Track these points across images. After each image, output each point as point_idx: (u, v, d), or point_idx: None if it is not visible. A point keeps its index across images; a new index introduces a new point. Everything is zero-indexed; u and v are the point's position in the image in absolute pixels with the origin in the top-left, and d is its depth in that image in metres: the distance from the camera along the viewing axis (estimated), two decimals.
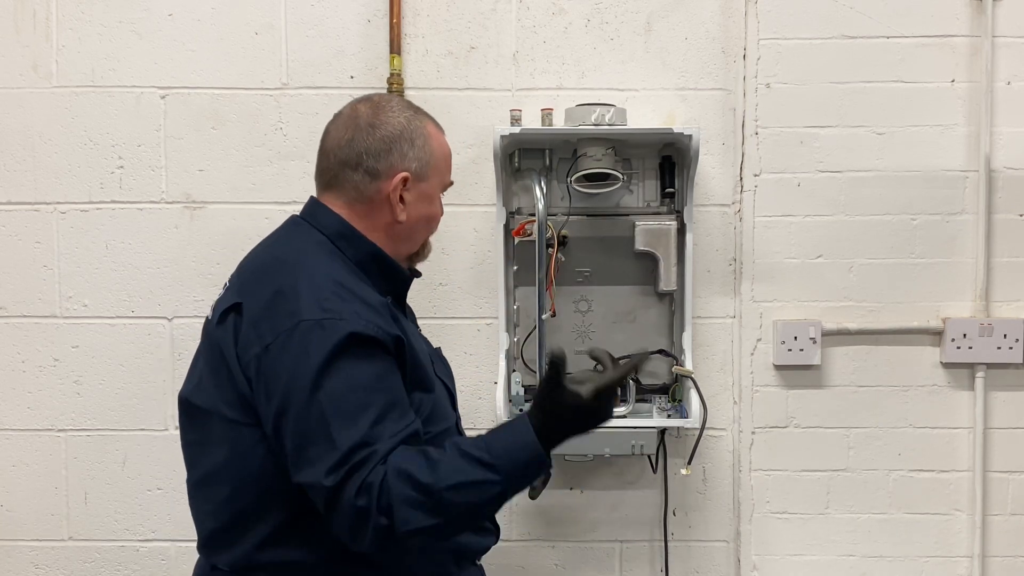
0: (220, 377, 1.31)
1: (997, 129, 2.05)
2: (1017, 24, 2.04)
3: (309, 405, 1.21)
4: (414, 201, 1.41)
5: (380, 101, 1.43)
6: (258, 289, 1.32)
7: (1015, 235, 2.07)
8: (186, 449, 1.42)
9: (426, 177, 1.41)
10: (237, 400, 1.29)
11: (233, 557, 1.33)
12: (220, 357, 1.31)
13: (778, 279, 2.07)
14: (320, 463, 1.19)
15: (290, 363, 1.23)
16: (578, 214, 1.96)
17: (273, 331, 1.25)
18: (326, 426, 1.20)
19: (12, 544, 2.10)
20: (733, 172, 2.06)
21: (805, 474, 2.10)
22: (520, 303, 1.99)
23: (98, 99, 2.04)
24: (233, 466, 1.31)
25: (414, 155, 1.39)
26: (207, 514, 1.37)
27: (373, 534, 1.19)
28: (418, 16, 2.04)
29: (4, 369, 2.07)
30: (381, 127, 1.39)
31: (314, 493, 1.22)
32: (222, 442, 1.32)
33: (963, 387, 2.08)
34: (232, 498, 1.32)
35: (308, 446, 1.21)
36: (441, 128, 1.48)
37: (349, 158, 1.39)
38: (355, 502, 1.18)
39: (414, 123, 1.41)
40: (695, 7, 2.04)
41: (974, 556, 2.09)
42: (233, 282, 1.39)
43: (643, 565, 2.11)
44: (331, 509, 1.20)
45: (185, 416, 1.40)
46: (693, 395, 1.91)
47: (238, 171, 2.05)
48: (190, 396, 1.37)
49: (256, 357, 1.26)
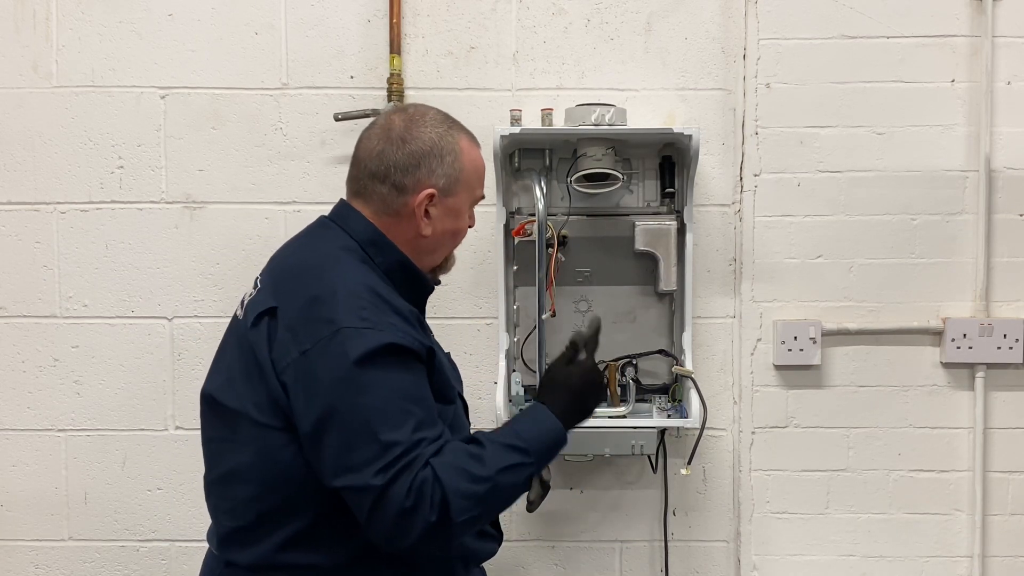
0: (252, 379, 1.32)
1: (997, 129, 2.05)
2: (1017, 24, 2.04)
3: (353, 411, 1.24)
4: (440, 216, 1.42)
5: (415, 114, 1.44)
6: (293, 293, 1.33)
7: (1015, 235, 2.07)
8: (207, 445, 1.42)
9: (454, 192, 1.42)
10: (268, 403, 1.30)
11: (253, 556, 1.33)
12: (253, 360, 1.32)
13: (778, 279, 2.07)
14: (368, 466, 1.22)
15: (330, 370, 1.25)
16: (578, 214, 1.96)
17: (311, 337, 1.26)
18: (372, 430, 1.23)
19: (12, 544, 2.10)
20: (733, 172, 2.06)
21: (805, 474, 2.10)
22: (520, 303, 1.99)
23: (98, 99, 2.04)
24: (259, 468, 1.32)
25: (442, 171, 1.40)
26: (226, 512, 1.37)
27: (422, 530, 1.22)
28: (418, 16, 2.04)
29: (4, 369, 2.07)
30: (412, 142, 1.40)
31: (357, 495, 1.24)
32: (249, 443, 1.32)
33: (963, 387, 2.08)
34: (256, 499, 1.32)
35: (353, 450, 1.23)
36: (476, 141, 1.48)
37: (378, 170, 1.40)
38: (404, 502, 1.21)
39: (446, 138, 1.41)
40: (695, 7, 2.04)
41: (974, 556, 2.09)
42: (265, 282, 1.40)
43: (643, 565, 2.11)
44: (376, 509, 1.22)
45: (210, 412, 1.41)
46: (693, 395, 1.91)
47: (238, 171, 2.05)
48: (216, 394, 1.38)
49: (293, 362, 1.27)
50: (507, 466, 1.28)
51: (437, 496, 1.22)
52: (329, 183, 2.04)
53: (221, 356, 1.43)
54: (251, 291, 1.41)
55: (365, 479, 1.22)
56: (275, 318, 1.31)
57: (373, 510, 1.22)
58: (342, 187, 2.08)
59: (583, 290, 1.99)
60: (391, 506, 1.21)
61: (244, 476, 1.33)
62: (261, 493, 1.32)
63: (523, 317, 1.98)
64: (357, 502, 1.25)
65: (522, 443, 1.31)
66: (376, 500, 1.22)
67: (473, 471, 1.25)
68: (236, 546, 1.36)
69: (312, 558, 1.32)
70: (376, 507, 1.22)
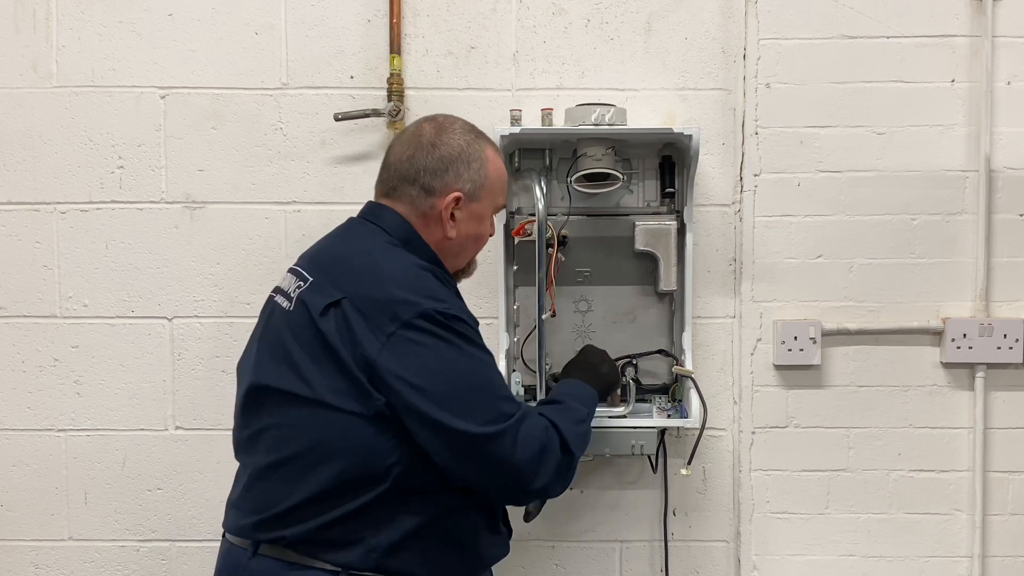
0: (324, 367, 1.38)
1: (997, 129, 2.05)
2: (1017, 24, 2.04)
3: (462, 376, 1.38)
4: (464, 220, 1.52)
5: (444, 122, 1.54)
6: (358, 283, 1.40)
7: (1015, 235, 2.07)
8: (261, 434, 1.46)
9: (478, 198, 1.52)
10: (346, 389, 1.36)
11: (304, 529, 1.38)
12: (325, 349, 1.38)
13: (778, 279, 2.07)
14: (498, 416, 1.38)
15: (427, 346, 1.36)
16: (578, 214, 1.96)
17: (394, 320, 1.36)
18: (485, 388, 1.40)
19: (12, 544, 2.10)
20: (733, 172, 2.06)
21: (805, 474, 2.10)
22: (520, 303, 1.99)
23: (98, 99, 2.04)
24: (327, 449, 1.37)
25: (469, 176, 1.50)
26: (281, 493, 1.40)
27: (555, 466, 1.42)
28: (418, 16, 2.04)
29: (4, 369, 2.07)
30: (441, 147, 1.50)
31: (496, 443, 1.37)
32: (321, 426, 1.38)
33: (963, 387, 2.08)
34: (323, 478, 1.37)
35: (477, 407, 1.37)
36: (499, 151, 1.58)
37: (408, 173, 1.50)
38: (540, 439, 1.40)
39: (473, 146, 1.52)
40: (695, 7, 2.04)
41: (974, 556, 2.09)
42: (317, 276, 1.45)
43: (643, 565, 2.12)
44: (515, 449, 1.37)
45: (267, 402, 1.45)
46: (693, 395, 1.91)
47: (238, 171, 2.05)
48: (277, 383, 1.42)
49: (380, 347, 1.35)
50: (583, 417, 1.54)
51: (557, 436, 1.43)
52: (329, 183, 2.04)
53: (271, 351, 1.46)
54: (295, 284, 1.47)
55: (500, 425, 1.37)
56: (344, 308, 1.38)
57: (512, 453, 1.37)
58: (342, 187, 2.09)
59: (583, 290, 1.99)
60: (529, 445, 1.38)
61: (314, 457, 1.38)
62: (327, 470, 1.37)
63: (523, 317, 1.98)
64: (496, 451, 1.37)
65: (577, 401, 1.57)
66: (515, 441, 1.37)
67: (570, 416, 1.50)
68: (284, 524, 1.40)
69: (359, 535, 1.38)
70: (515, 448, 1.37)
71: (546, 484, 1.42)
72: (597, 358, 1.79)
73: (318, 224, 2.04)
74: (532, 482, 1.40)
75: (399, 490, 1.38)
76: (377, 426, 1.36)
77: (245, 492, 1.48)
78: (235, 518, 1.48)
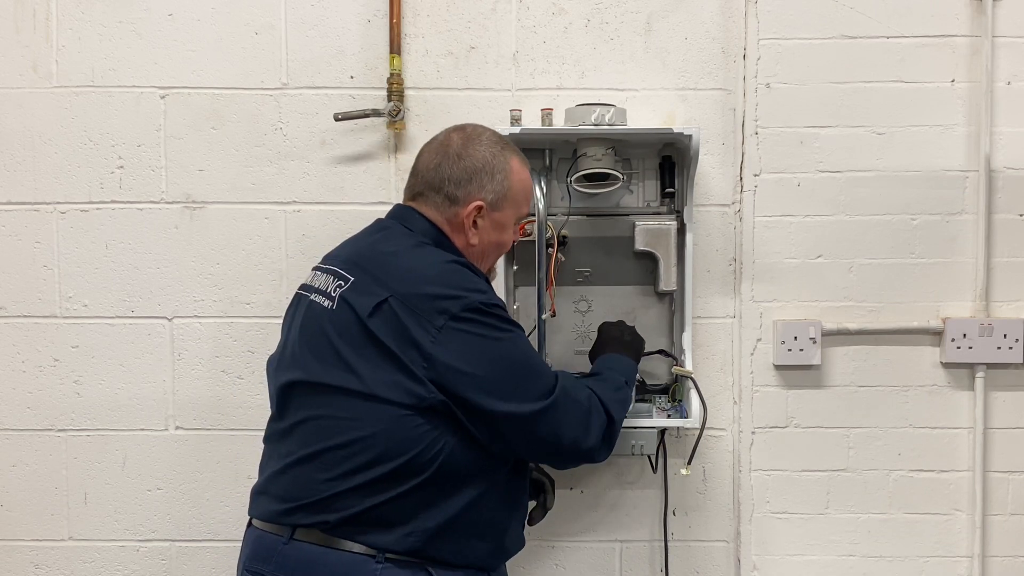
0: (376, 363, 1.45)
1: (997, 129, 2.05)
2: (1017, 24, 2.04)
3: (510, 358, 1.48)
4: (486, 228, 1.59)
5: (472, 133, 1.61)
6: (402, 280, 1.47)
7: (1015, 235, 2.07)
8: (298, 425, 1.51)
9: (501, 208, 1.59)
10: (399, 382, 1.43)
11: (346, 514, 1.44)
12: (374, 345, 1.44)
13: (778, 279, 2.07)
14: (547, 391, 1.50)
15: (477, 334, 1.45)
16: (578, 214, 1.96)
17: (443, 314, 1.44)
18: (533, 368, 1.51)
19: (12, 544, 2.10)
20: (733, 172, 2.06)
21: (805, 474, 2.10)
22: (520, 303, 1.98)
23: (98, 99, 2.04)
24: (383, 439, 1.43)
25: (492, 187, 1.57)
26: (324, 480, 1.46)
27: (600, 429, 1.55)
28: (418, 16, 2.04)
29: (4, 369, 2.07)
30: (467, 158, 1.57)
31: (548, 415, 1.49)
32: (372, 418, 1.44)
33: (963, 387, 2.08)
34: (373, 465, 1.44)
35: (527, 386, 1.48)
36: (526, 163, 1.65)
37: (434, 181, 1.57)
38: (584, 404, 1.54)
39: (499, 158, 1.58)
40: (695, 7, 2.04)
41: (974, 556, 2.09)
42: (357, 274, 1.51)
43: (643, 565, 2.12)
44: (567, 414, 1.51)
45: (311, 395, 1.50)
46: (693, 395, 1.91)
47: (238, 171, 2.05)
48: (322, 379, 1.48)
49: (433, 340, 1.43)
50: (621, 384, 1.67)
51: (599, 402, 1.56)
52: (329, 183, 2.04)
53: (313, 348, 1.51)
54: (334, 283, 1.52)
55: (546, 401, 1.48)
56: (393, 305, 1.44)
57: (560, 422, 1.50)
58: (342, 187, 2.09)
59: (583, 290, 1.99)
60: (574, 412, 1.52)
61: (366, 447, 1.44)
62: (379, 460, 1.44)
63: (523, 317, 1.98)
64: (546, 423, 1.48)
65: (615, 372, 1.70)
66: (564, 410, 1.50)
67: (609, 384, 1.63)
68: (326, 509, 1.45)
69: (401, 519, 1.45)
70: (564, 417, 1.50)
71: (592, 446, 1.55)
72: (617, 331, 1.85)
73: (318, 224, 2.04)
74: (581, 444, 1.53)
75: (443, 477, 1.45)
76: (426, 417, 1.44)
77: (278, 479, 1.52)
78: (266, 504, 1.52)
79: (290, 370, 1.54)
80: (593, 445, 1.55)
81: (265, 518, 1.52)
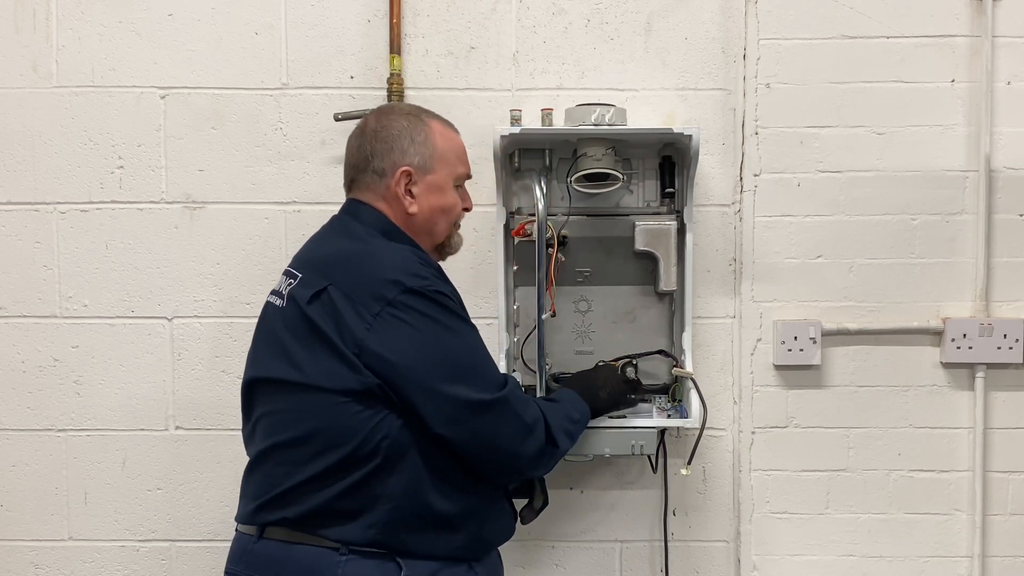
0: (316, 352, 1.43)
1: (997, 129, 2.05)
2: (1017, 24, 2.04)
3: (449, 349, 1.44)
4: (423, 193, 1.55)
5: (384, 109, 1.61)
6: (344, 271, 1.45)
7: (1015, 235, 2.07)
8: (259, 421, 1.51)
9: (431, 169, 1.56)
10: (337, 371, 1.41)
11: (304, 508, 1.43)
12: (316, 335, 1.43)
13: (778, 279, 2.07)
14: (486, 386, 1.45)
15: (413, 323, 1.41)
16: (578, 214, 1.96)
17: (379, 300, 1.41)
18: (472, 362, 1.46)
19: (12, 544, 2.10)
20: (733, 172, 2.06)
21: (805, 474, 2.10)
22: (520, 303, 1.98)
23: (98, 99, 2.04)
24: (326, 429, 1.42)
25: (415, 150, 1.55)
26: (280, 475, 1.46)
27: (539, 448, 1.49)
28: (418, 16, 2.04)
29: (4, 369, 2.07)
30: (383, 130, 1.55)
31: (483, 411, 1.43)
32: (315, 409, 1.43)
33: (963, 387, 2.08)
34: (320, 455, 1.42)
35: (464, 379, 1.43)
36: (450, 124, 1.62)
37: (359, 162, 1.57)
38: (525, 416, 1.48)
39: (415, 123, 1.56)
40: (695, 7, 2.04)
41: (974, 556, 2.09)
42: (307, 271, 1.50)
43: (643, 565, 2.12)
44: (502, 418, 1.45)
45: (263, 393, 1.51)
46: (693, 395, 1.91)
47: (238, 171, 2.05)
48: (274, 375, 1.48)
49: (368, 327, 1.40)
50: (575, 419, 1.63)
51: (544, 424, 1.50)
52: (329, 183, 2.04)
53: (266, 346, 1.53)
54: (286, 283, 1.52)
55: (490, 395, 1.44)
56: (331, 293, 1.43)
57: (498, 425, 1.44)
58: (342, 187, 2.09)
59: (583, 290, 1.99)
60: (516, 422, 1.46)
61: (311, 439, 1.43)
62: (325, 450, 1.42)
63: (523, 317, 1.98)
64: (485, 420, 1.43)
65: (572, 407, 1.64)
66: (502, 414, 1.45)
67: (561, 413, 1.58)
68: (287, 504, 1.44)
69: (357, 506, 1.43)
70: (503, 421, 1.45)
71: (526, 464, 1.50)
72: (602, 381, 1.79)
73: (318, 224, 2.02)
74: (517, 457, 1.48)
75: (392, 466, 1.43)
76: (365, 403, 1.41)
77: (248, 479, 1.53)
78: (242, 507, 1.53)
79: (249, 370, 1.55)
80: (525, 464, 1.51)
81: (240, 519, 1.53)
